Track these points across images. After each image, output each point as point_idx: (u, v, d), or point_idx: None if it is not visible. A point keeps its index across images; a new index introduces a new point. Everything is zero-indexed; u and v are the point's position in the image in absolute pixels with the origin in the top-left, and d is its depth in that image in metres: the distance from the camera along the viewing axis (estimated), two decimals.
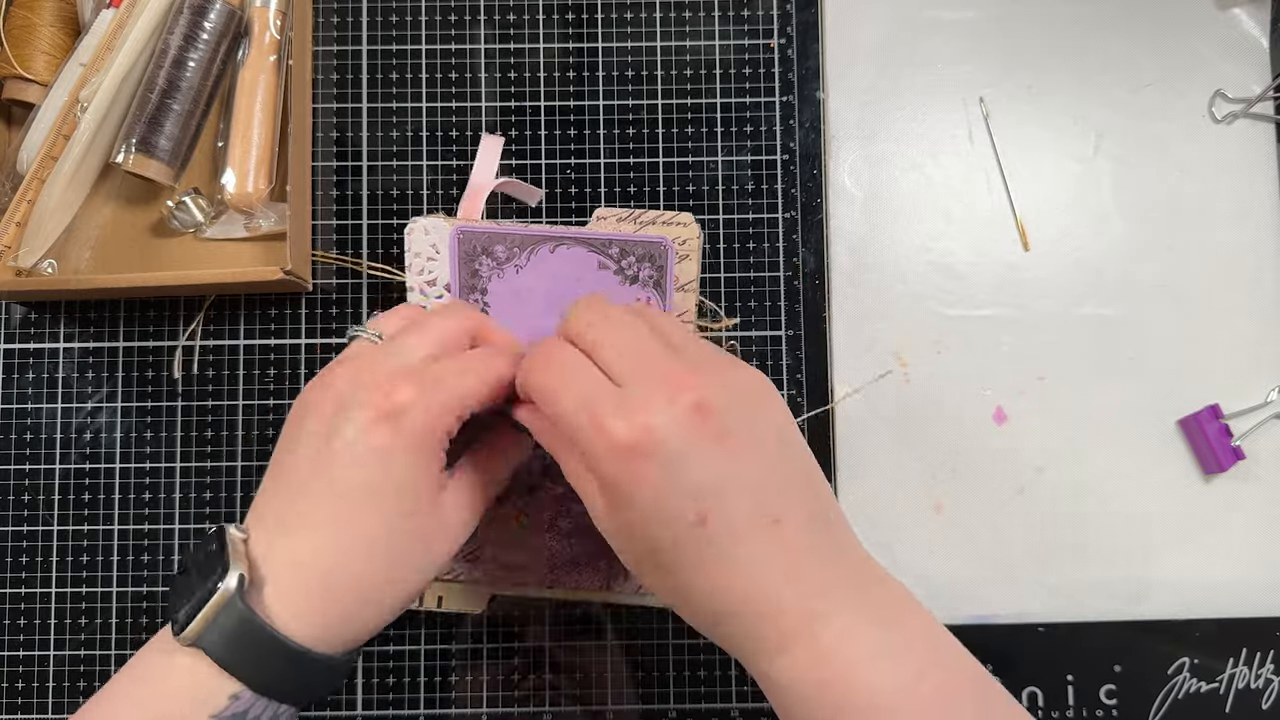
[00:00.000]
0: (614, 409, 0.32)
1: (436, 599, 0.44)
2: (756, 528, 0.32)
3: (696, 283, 0.45)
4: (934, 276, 0.47)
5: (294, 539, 0.34)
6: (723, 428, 0.32)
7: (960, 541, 0.46)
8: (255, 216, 0.46)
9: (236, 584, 0.33)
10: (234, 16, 0.46)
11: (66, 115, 0.44)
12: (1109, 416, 0.47)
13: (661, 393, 0.32)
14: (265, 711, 0.34)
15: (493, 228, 0.44)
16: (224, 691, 0.33)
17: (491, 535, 0.44)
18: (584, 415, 0.33)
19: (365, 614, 0.35)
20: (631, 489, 0.32)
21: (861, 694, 0.31)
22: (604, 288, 0.44)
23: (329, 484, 0.34)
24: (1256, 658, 0.46)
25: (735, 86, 0.48)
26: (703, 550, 0.32)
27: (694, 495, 0.32)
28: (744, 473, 0.32)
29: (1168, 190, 0.48)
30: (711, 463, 0.32)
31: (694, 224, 0.45)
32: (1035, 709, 0.46)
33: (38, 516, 0.46)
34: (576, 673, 0.46)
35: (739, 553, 0.32)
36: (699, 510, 0.32)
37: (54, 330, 0.47)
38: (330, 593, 0.34)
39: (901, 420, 0.47)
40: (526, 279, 0.44)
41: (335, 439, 0.34)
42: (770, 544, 0.32)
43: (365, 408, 0.34)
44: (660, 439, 0.32)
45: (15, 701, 0.45)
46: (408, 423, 0.34)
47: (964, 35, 0.49)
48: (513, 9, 0.48)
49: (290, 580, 0.34)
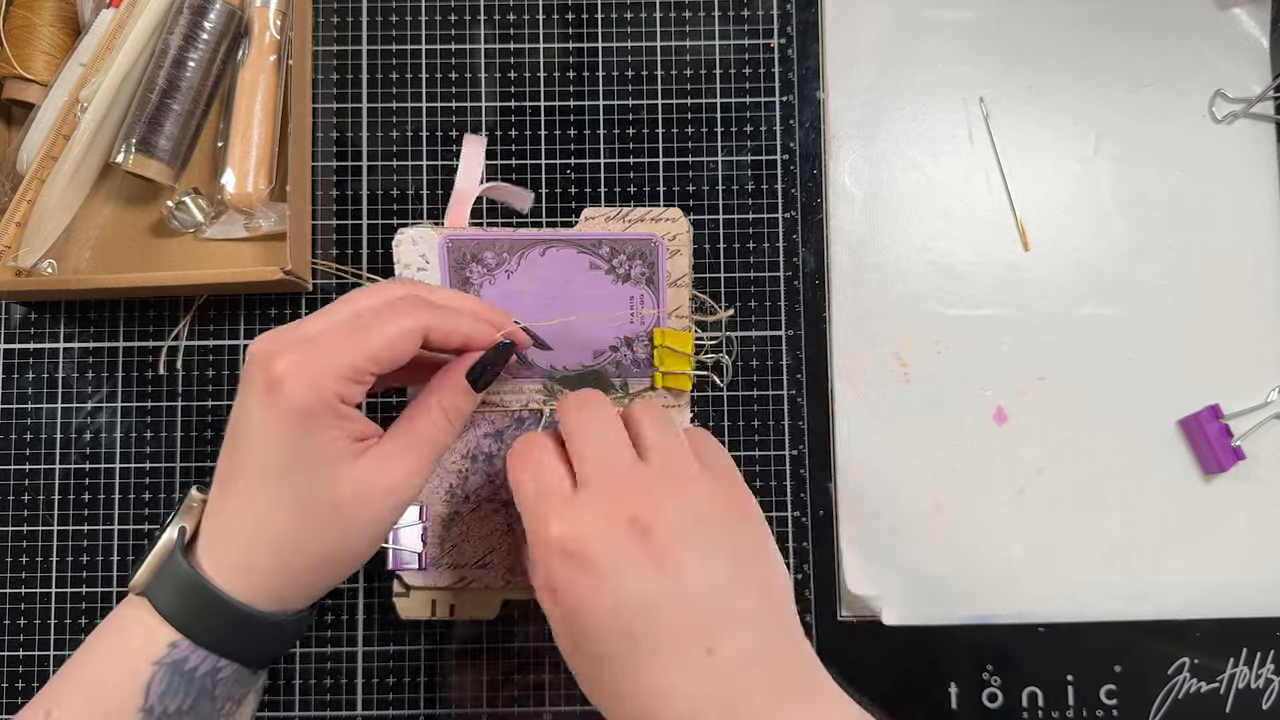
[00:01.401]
0: (560, 508, 0.33)
1: (449, 607, 0.44)
2: (687, 653, 0.31)
3: (689, 277, 0.45)
4: (934, 276, 0.47)
5: (224, 501, 0.36)
6: (663, 547, 0.32)
7: (960, 541, 0.46)
8: (255, 216, 0.46)
9: (176, 536, 0.35)
10: (234, 16, 0.46)
11: (66, 115, 0.44)
12: (1109, 416, 0.47)
13: (606, 503, 0.33)
14: (204, 663, 0.35)
15: (481, 234, 0.44)
16: (164, 640, 0.34)
17: (499, 541, 0.44)
18: (536, 507, 0.34)
19: (294, 579, 0.36)
20: (566, 590, 0.32)
21: None
22: (596, 288, 0.44)
23: (238, 461, 0.35)
24: (1256, 658, 0.46)
25: (735, 86, 0.48)
26: (630, 668, 0.32)
27: (623, 610, 0.32)
28: (682, 592, 0.32)
29: (1168, 190, 0.48)
30: (644, 580, 0.32)
31: (683, 218, 0.45)
32: (1035, 709, 0.46)
33: (38, 516, 0.46)
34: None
35: (670, 673, 0.31)
36: (626, 625, 0.32)
37: (54, 330, 0.47)
38: (251, 555, 0.35)
39: (901, 420, 0.47)
40: (518, 283, 0.44)
41: (238, 412, 0.35)
42: (701, 672, 0.31)
43: (253, 383, 0.34)
44: (593, 549, 0.32)
45: (15, 701, 0.45)
46: (285, 394, 0.33)
47: (964, 35, 0.49)
48: (513, 9, 0.48)
49: (219, 540, 0.35)
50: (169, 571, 0.35)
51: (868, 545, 0.46)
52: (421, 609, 0.44)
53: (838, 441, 0.47)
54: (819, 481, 0.47)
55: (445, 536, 0.44)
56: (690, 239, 0.45)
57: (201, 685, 0.35)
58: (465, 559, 0.44)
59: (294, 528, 0.35)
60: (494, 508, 0.44)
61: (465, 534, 0.44)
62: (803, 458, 0.47)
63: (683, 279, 0.45)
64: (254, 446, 0.34)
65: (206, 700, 0.35)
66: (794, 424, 0.47)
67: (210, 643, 0.35)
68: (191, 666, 0.34)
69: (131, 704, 0.34)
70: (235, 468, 0.35)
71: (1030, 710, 0.46)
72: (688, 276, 0.45)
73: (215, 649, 0.35)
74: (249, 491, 0.35)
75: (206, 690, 0.35)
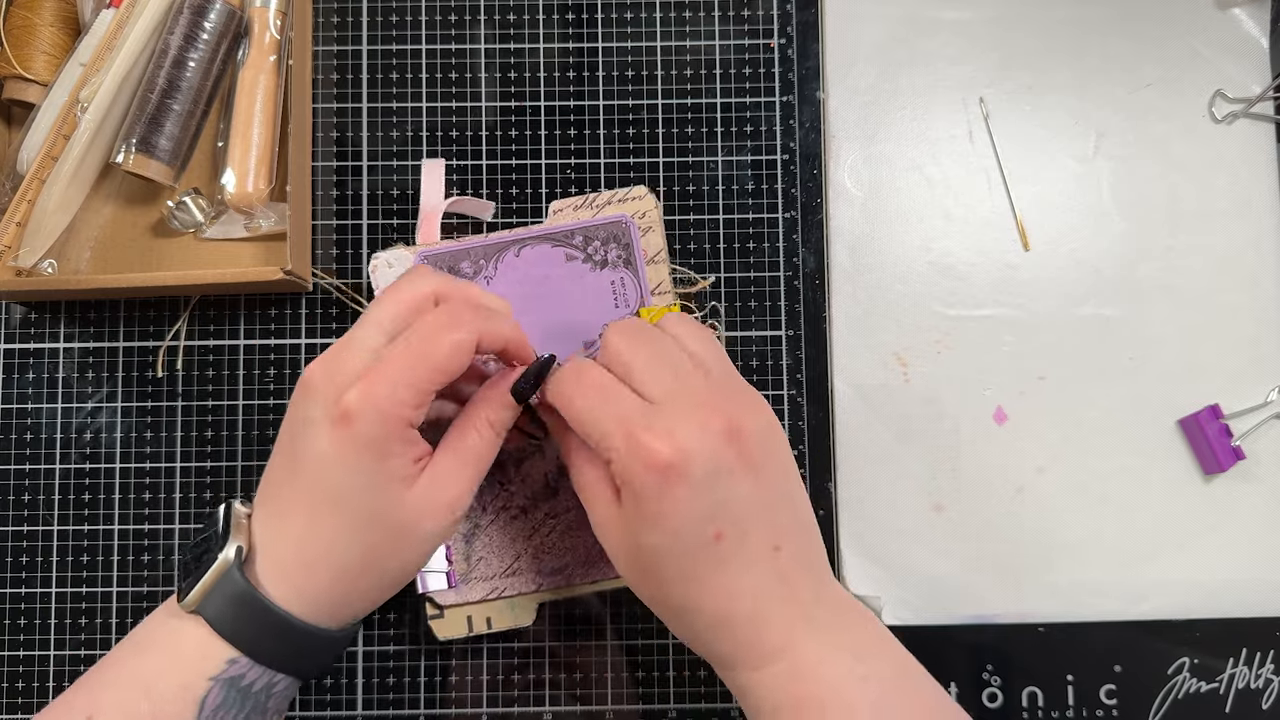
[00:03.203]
0: (650, 428, 0.34)
1: (486, 620, 0.44)
2: (762, 551, 0.34)
3: (665, 252, 0.45)
4: (934, 276, 0.47)
5: (284, 524, 0.36)
6: (751, 455, 0.34)
7: (960, 541, 0.46)
8: (255, 216, 0.46)
9: (235, 555, 0.35)
10: (234, 16, 0.46)
11: (66, 115, 0.44)
12: (1109, 416, 0.47)
13: (697, 416, 0.34)
14: (260, 678, 0.35)
15: (454, 245, 0.44)
16: (221, 656, 0.34)
17: (524, 546, 0.44)
18: (620, 433, 0.34)
19: (352, 598, 0.37)
20: (659, 503, 0.33)
21: (835, 709, 0.33)
22: (575, 279, 0.44)
23: (301, 487, 0.35)
24: (1256, 658, 0.46)
25: (735, 86, 0.48)
26: (711, 565, 0.34)
27: (715, 514, 0.34)
28: (761, 499, 0.34)
29: (1168, 190, 0.48)
30: (736, 486, 0.34)
31: (649, 195, 0.45)
32: (1035, 709, 0.46)
33: (38, 516, 0.46)
34: (576, 672, 0.46)
35: (743, 573, 0.34)
36: (717, 529, 0.34)
37: (54, 330, 0.47)
38: (314, 577, 0.35)
39: (901, 420, 0.47)
40: (498, 287, 0.44)
41: (299, 441, 0.35)
42: (770, 568, 0.34)
43: (320, 416, 0.35)
44: (695, 460, 0.33)
45: (15, 701, 0.45)
46: (358, 428, 0.34)
47: (964, 35, 0.48)
48: (513, 9, 0.48)
49: (281, 559, 0.36)
50: (227, 590, 0.35)
51: (868, 545, 0.46)
52: (458, 627, 0.44)
53: (838, 441, 0.47)
54: (819, 481, 0.47)
55: (469, 551, 0.44)
56: (660, 214, 0.45)
57: (256, 700, 0.35)
58: (493, 570, 0.44)
59: (359, 550, 0.35)
60: (511, 515, 0.45)
61: (489, 545, 0.44)
62: (803, 457, 0.47)
63: (659, 255, 0.45)
64: (324, 475, 0.35)
65: (259, 714, 0.36)
66: (794, 424, 0.47)
67: (269, 660, 0.35)
68: (249, 682, 0.35)
69: (184, 718, 0.34)
70: (299, 494, 0.35)
71: (1030, 710, 0.46)
72: (663, 252, 0.45)
73: (272, 665, 0.35)
74: (314, 517, 0.35)
75: (260, 704, 0.35)
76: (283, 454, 0.37)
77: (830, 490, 0.47)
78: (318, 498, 0.35)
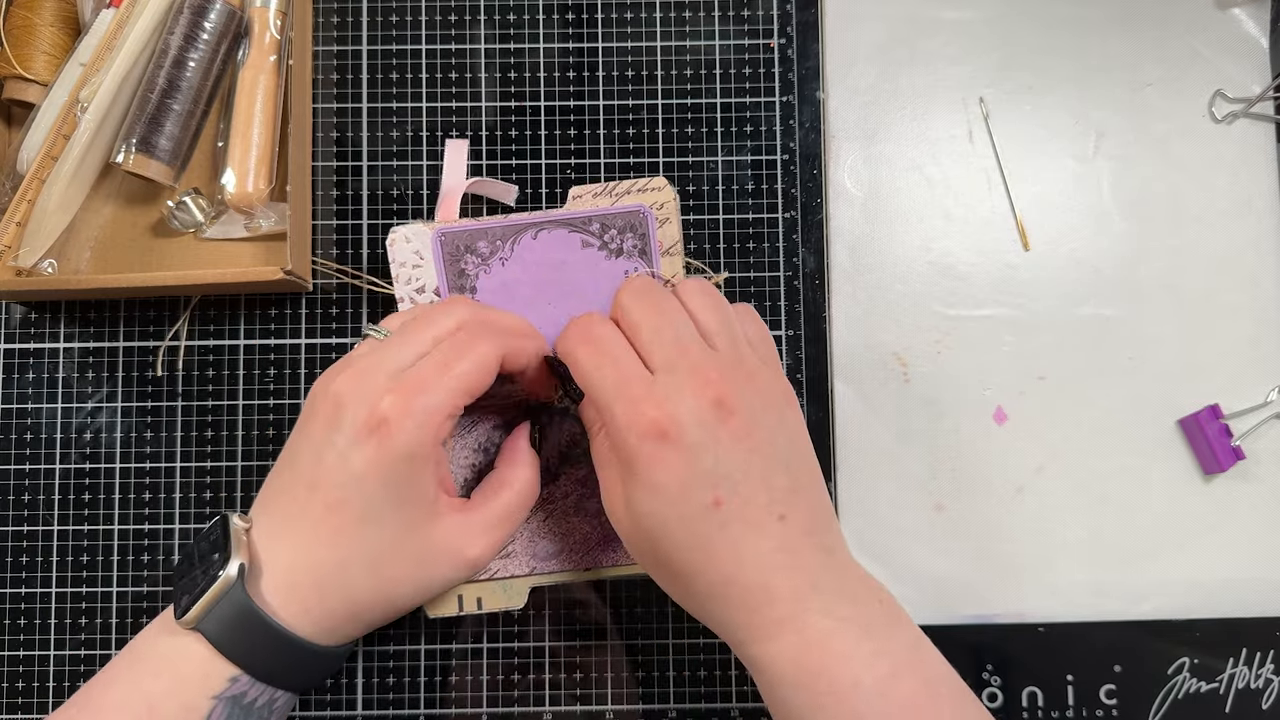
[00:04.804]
0: (646, 394, 0.34)
1: (476, 600, 0.44)
2: (764, 519, 0.35)
3: (680, 244, 0.45)
4: (934, 276, 0.47)
5: (294, 541, 0.35)
6: (742, 425, 0.35)
7: (960, 541, 0.46)
8: (255, 216, 0.46)
9: (237, 573, 0.34)
10: (234, 16, 0.46)
11: (66, 115, 0.44)
12: (1109, 416, 0.47)
13: (689, 385, 0.35)
14: (262, 695, 0.35)
15: (472, 224, 0.44)
16: (223, 674, 0.34)
17: (521, 528, 0.44)
18: (618, 396, 0.35)
19: (359, 622, 0.37)
20: (652, 470, 0.34)
21: (844, 683, 0.33)
22: (590, 266, 0.44)
23: (323, 504, 0.35)
24: (1256, 658, 0.46)
25: (735, 86, 0.48)
26: (712, 531, 0.34)
27: (710, 481, 0.34)
28: (758, 467, 0.35)
29: (1168, 190, 0.48)
30: (729, 454, 0.34)
31: (668, 187, 0.45)
32: (1035, 709, 0.46)
33: (38, 516, 0.46)
34: (576, 672, 0.46)
35: (745, 539, 0.34)
36: (715, 495, 0.34)
37: (54, 330, 0.47)
38: (324, 600, 0.35)
39: (901, 420, 0.47)
40: (513, 270, 0.44)
41: (323, 454, 0.35)
42: (774, 536, 0.35)
43: (350, 426, 0.34)
44: (684, 427, 0.34)
45: (15, 701, 0.45)
46: (394, 436, 0.34)
47: (964, 35, 0.49)
48: (513, 9, 0.48)
49: (287, 578, 0.35)
50: (229, 608, 0.34)
51: (868, 545, 0.46)
52: (448, 605, 0.44)
53: (838, 441, 0.47)
54: None
55: None
56: (678, 206, 0.45)
57: (259, 716, 0.35)
58: None
59: (374, 577, 0.35)
60: None
61: None
62: None
63: (674, 247, 0.45)
64: (351, 493, 0.34)
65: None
66: None
67: (271, 677, 0.35)
68: (251, 699, 0.35)
69: None
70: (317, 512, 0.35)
71: (1030, 710, 0.46)
72: (679, 244, 0.45)
73: (275, 682, 0.35)
74: (335, 539, 0.35)
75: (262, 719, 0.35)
76: (296, 468, 0.36)
77: (830, 490, 0.47)
78: (344, 518, 0.35)
